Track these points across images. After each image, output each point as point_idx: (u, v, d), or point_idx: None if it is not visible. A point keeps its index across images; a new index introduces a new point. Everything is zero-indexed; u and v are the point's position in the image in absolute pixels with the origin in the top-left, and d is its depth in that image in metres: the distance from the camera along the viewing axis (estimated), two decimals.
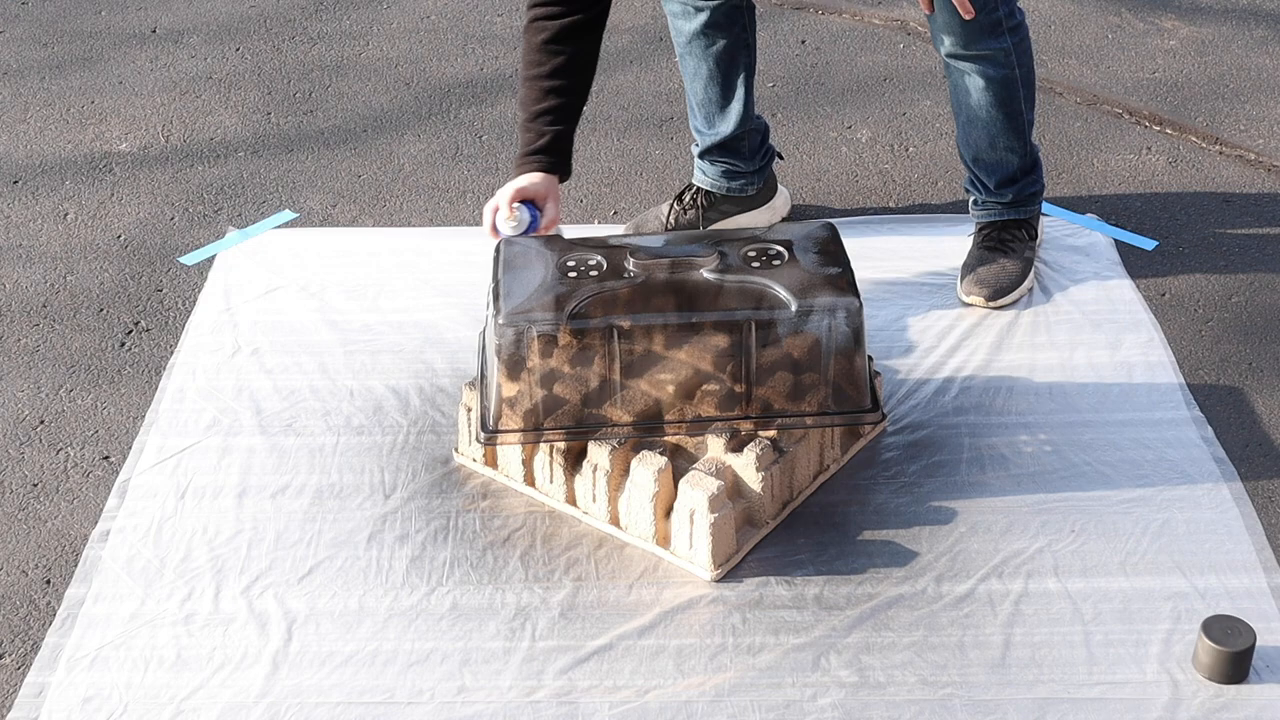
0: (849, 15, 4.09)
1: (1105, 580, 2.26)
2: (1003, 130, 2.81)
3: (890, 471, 2.48)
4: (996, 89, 2.76)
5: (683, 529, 2.27)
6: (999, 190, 2.90)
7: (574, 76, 2.56)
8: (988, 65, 2.73)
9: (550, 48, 2.53)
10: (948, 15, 2.65)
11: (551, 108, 2.55)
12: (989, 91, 2.76)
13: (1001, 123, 2.80)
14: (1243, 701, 2.06)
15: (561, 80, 2.54)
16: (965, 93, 2.79)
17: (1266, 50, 3.87)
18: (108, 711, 2.08)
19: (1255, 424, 2.59)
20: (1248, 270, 3.01)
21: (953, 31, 2.68)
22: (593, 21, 2.54)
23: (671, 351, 2.31)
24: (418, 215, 3.25)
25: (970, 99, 2.79)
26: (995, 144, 2.83)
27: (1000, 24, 2.69)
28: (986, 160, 2.87)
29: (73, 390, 2.73)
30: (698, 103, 3.00)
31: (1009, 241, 2.91)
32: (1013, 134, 2.83)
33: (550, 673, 2.12)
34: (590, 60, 2.57)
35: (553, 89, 2.54)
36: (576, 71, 2.56)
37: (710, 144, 3.02)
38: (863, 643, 2.16)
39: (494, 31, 4.05)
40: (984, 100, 2.77)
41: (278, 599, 2.25)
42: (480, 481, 2.48)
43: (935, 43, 2.75)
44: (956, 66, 2.76)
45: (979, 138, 2.83)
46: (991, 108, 2.78)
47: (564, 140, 2.56)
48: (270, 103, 3.71)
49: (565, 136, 2.56)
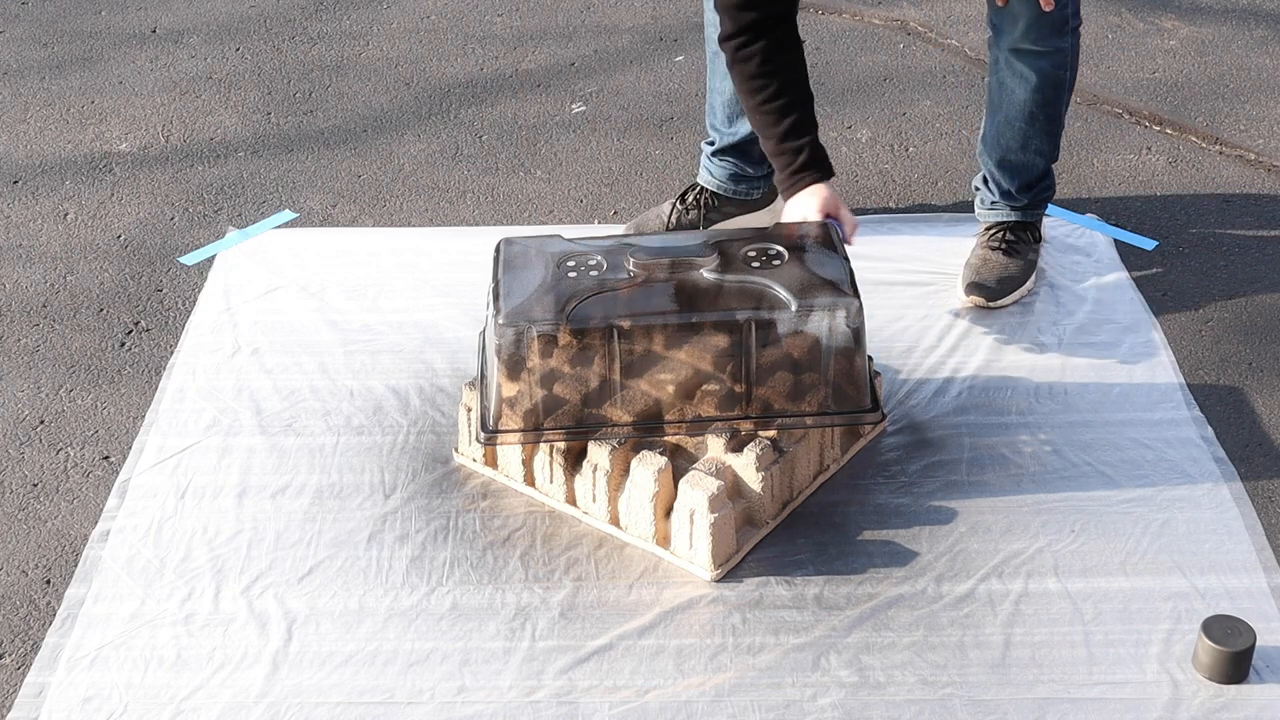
0: (849, 15, 4.09)
1: (1105, 580, 2.26)
2: (1040, 132, 2.81)
3: (890, 471, 2.48)
4: (1047, 89, 2.75)
5: (683, 529, 2.27)
6: (1018, 194, 2.90)
7: (795, 88, 2.55)
8: (1046, 63, 2.71)
9: (761, 75, 2.52)
10: (1024, 6, 2.62)
11: (792, 125, 2.54)
12: (1040, 91, 2.75)
13: (1042, 124, 2.79)
14: (1243, 701, 2.06)
15: (786, 97, 2.53)
16: (1012, 91, 2.77)
17: (1266, 50, 3.87)
18: (108, 711, 2.08)
19: (1255, 424, 2.59)
20: (1248, 270, 3.01)
21: (1022, 24, 2.66)
22: (787, 33, 2.53)
23: (671, 351, 2.31)
24: (418, 215, 3.25)
25: (1016, 97, 2.77)
26: (1028, 145, 2.82)
27: (1067, 22, 2.69)
28: (1013, 162, 2.86)
29: (73, 390, 2.73)
30: (722, 101, 2.99)
31: (1015, 244, 2.90)
32: (1047, 137, 2.83)
33: (550, 673, 2.12)
34: (799, 66, 2.56)
35: (782, 107, 2.53)
36: (794, 83, 2.55)
37: (726, 144, 3.02)
38: (863, 643, 2.16)
39: (494, 31, 4.05)
40: (1031, 99, 2.76)
41: (278, 599, 2.25)
42: (480, 481, 2.48)
43: (996, 36, 2.72)
44: (1013, 63, 2.73)
45: (1012, 138, 2.82)
46: (1036, 107, 2.77)
47: (818, 147, 2.56)
48: (270, 103, 3.71)
49: (816, 143, 2.56)
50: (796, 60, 2.55)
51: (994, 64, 2.79)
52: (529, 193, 3.32)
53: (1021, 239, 2.91)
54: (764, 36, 2.49)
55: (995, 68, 2.79)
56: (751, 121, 2.60)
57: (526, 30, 4.05)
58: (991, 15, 2.72)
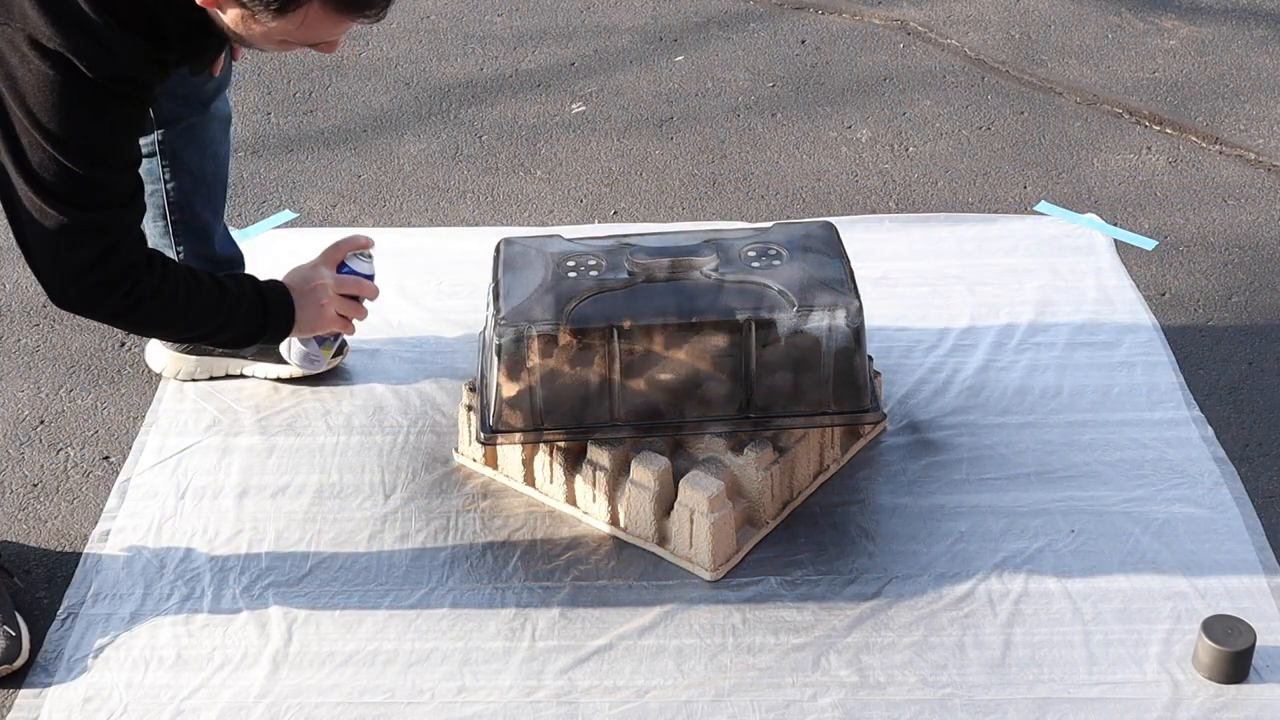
0: (849, 15, 4.09)
1: (1105, 580, 2.26)
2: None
3: (890, 471, 2.48)
4: None
5: (683, 529, 2.27)
6: None
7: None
8: None
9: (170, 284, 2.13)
10: None
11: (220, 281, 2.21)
12: None
13: None
14: (1243, 701, 2.06)
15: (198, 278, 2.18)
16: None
17: (1266, 50, 3.87)
18: (108, 711, 2.08)
19: (1255, 424, 2.59)
20: (1248, 270, 3.01)
21: None
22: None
23: (671, 351, 2.31)
24: (418, 215, 3.25)
25: None
26: None
27: None
28: None
29: (73, 390, 2.73)
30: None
31: None
32: None
33: (550, 673, 2.12)
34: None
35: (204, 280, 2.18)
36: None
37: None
38: (863, 643, 2.16)
39: (494, 31, 4.05)
40: None
41: (278, 599, 2.25)
42: (480, 481, 2.48)
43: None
44: None
45: None
46: None
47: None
48: (270, 103, 3.71)
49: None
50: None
51: None
52: (529, 193, 3.32)
53: None
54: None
55: None
56: (190, 329, 2.19)
57: (526, 30, 4.05)
58: None
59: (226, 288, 2.17)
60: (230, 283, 2.19)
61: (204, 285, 2.14)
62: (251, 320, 2.19)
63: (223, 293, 2.16)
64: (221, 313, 2.16)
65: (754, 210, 3.24)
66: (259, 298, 2.20)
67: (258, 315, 2.19)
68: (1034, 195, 3.27)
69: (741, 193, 3.31)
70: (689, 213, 3.24)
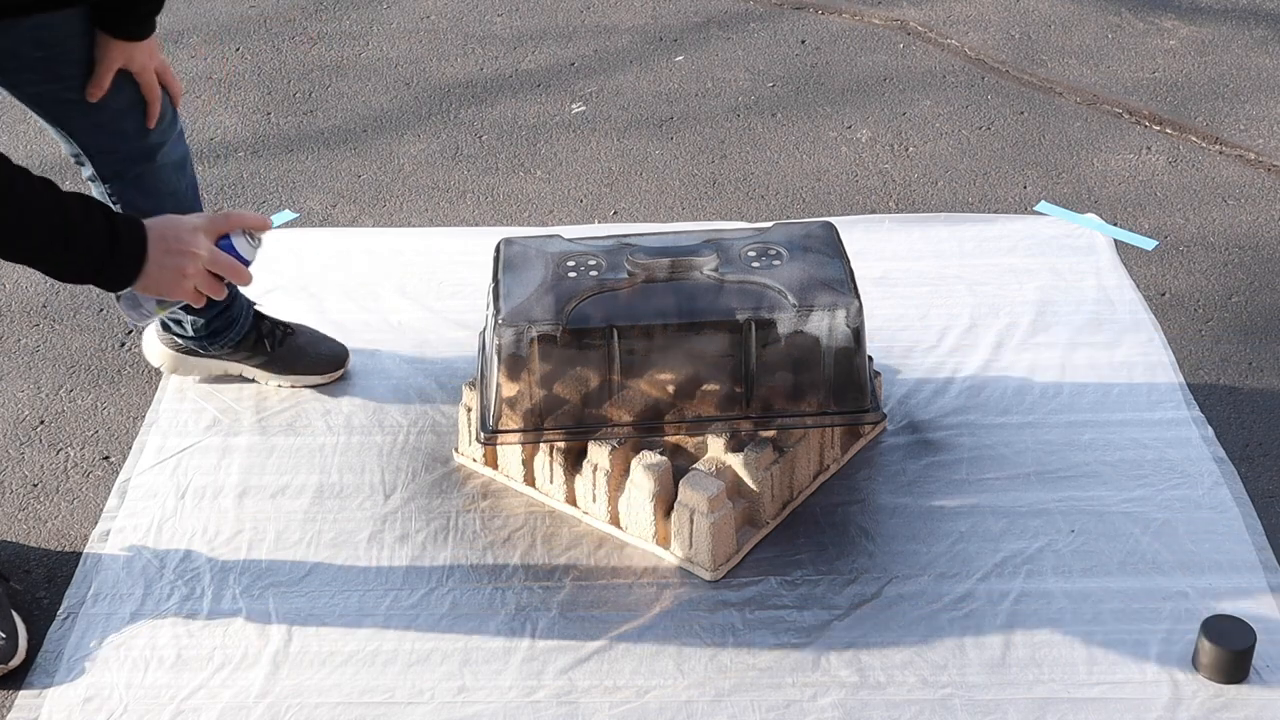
0: (849, 15, 4.09)
1: (1105, 580, 2.26)
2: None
3: (890, 471, 2.48)
4: None
5: (683, 529, 2.27)
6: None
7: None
8: None
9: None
10: None
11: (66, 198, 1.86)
12: None
13: None
14: (1243, 701, 2.06)
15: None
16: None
17: (1266, 50, 3.87)
18: (108, 711, 2.08)
19: (1255, 424, 2.59)
20: (1248, 270, 3.01)
21: None
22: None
23: (671, 351, 2.31)
24: (418, 215, 3.25)
25: None
26: None
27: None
28: None
29: (73, 390, 2.73)
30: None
31: None
32: None
33: (550, 673, 2.12)
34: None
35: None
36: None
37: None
38: (863, 643, 2.16)
39: (494, 31, 4.05)
40: None
41: (278, 599, 2.25)
42: (480, 481, 2.48)
43: None
44: None
45: None
46: None
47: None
48: (270, 103, 3.71)
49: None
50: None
51: None
52: (529, 193, 3.32)
53: None
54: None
55: None
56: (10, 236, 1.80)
57: (526, 30, 4.05)
58: None
59: (68, 203, 1.81)
60: (74, 200, 1.82)
61: (35, 186, 1.79)
62: (91, 253, 1.83)
63: (59, 203, 1.80)
64: (55, 229, 1.80)
65: (754, 210, 3.24)
66: (109, 230, 1.84)
67: (103, 245, 1.83)
68: (1034, 195, 3.27)
69: (741, 193, 3.31)
70: (689, 213, 3.24)
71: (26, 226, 1.79)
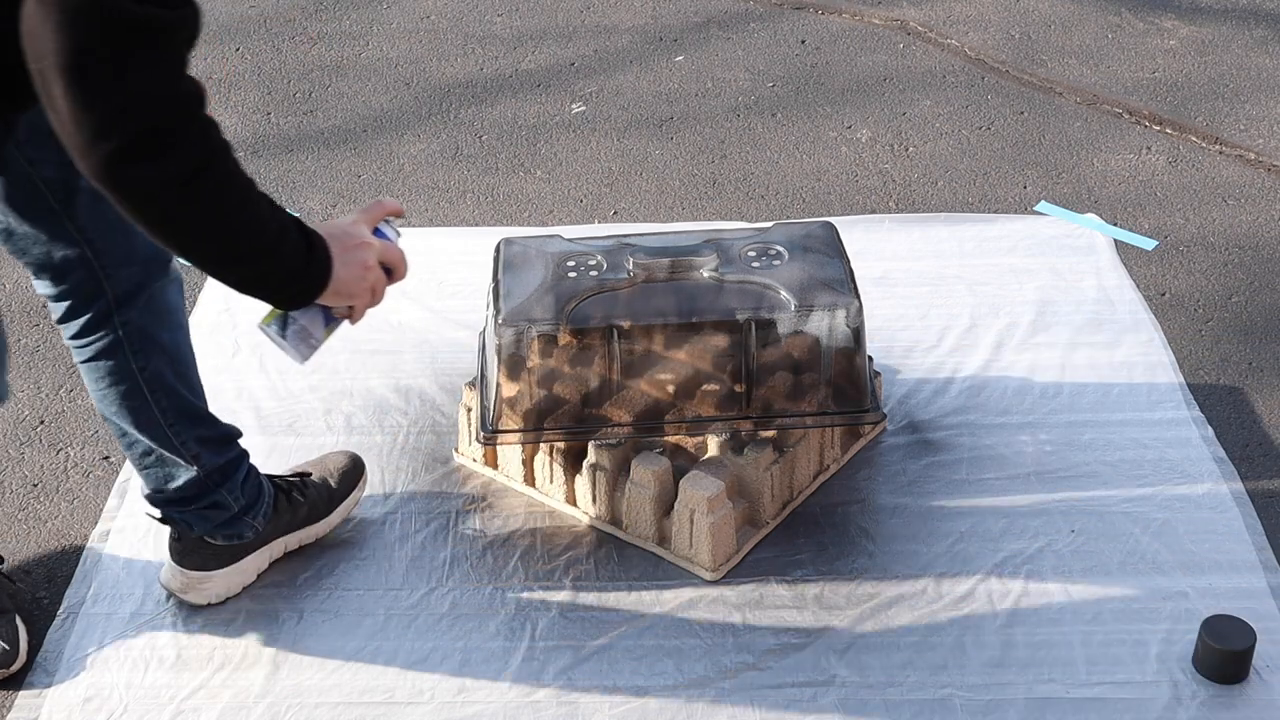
0: (849, 15, 4.09)
1: (1105, 580, 2.26)
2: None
3: (890, 471, 2.48)
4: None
5: (683, 529, 2.27)
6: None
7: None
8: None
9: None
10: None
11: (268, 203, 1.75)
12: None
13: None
14: (1243, 701, 2.06)
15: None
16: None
17: (1266, 50, 3.87)
18: (108, 711, 2.08)
19: (1255, 424, 2.59)
20: (1248, 270, 3.01)
21: None
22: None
23: (671, 351, 2.31)
24: (418, 215, 3.25)
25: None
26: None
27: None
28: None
29: (73, 390, 2.73)
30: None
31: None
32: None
33: (550, 673, 2.12)
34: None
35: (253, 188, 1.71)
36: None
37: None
38: (863, 643, 2.16)
39: (494, 31, 4.05)
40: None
41: (278, 599, 2.25)
42: (480, 481, 2.48)
43: None
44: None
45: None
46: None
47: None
48: (270, 103, 3.71)
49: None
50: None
51: None
52: (529, 193, 3.33)
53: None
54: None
55: None
56: (237, 241, 1.66)
57: (526, 30, 4.05)
58: None
59: (273, 202, 1.68)
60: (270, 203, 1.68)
61: (255, 187, 1.65)
62: (296, 255, 1.69)
63: (271, 205, 1.67)
64: (270, 232, 1.66)
65: (754, 210, 3.24)
66: (300, 232, 1.70)
67: (302, 251, 1.69)
68: (1034, 195, 3.27)
69: (741, 193, 3.31)
70: (689, 213, 3.24)
71: (253, 231, 1.65)
